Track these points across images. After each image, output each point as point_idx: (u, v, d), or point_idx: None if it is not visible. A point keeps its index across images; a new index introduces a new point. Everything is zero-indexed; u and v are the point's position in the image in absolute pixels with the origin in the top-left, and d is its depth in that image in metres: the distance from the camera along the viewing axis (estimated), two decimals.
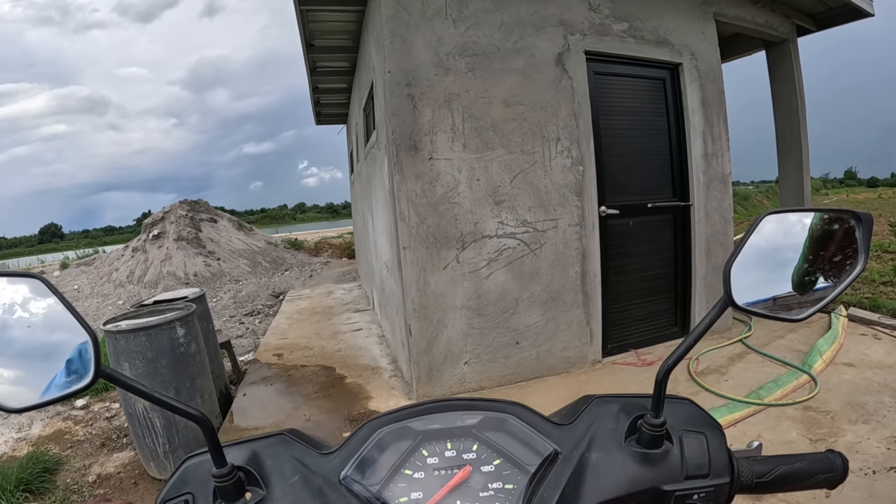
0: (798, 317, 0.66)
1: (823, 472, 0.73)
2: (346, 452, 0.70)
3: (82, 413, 4.81)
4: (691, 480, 0.67)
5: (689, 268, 5.02)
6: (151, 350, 3.31)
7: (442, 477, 0.66)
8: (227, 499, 0.63)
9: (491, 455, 0.69)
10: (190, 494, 0.64)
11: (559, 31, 4.21)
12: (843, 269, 0.65)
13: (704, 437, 0.70)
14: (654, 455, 0.68)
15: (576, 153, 4.28)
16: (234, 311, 9.82)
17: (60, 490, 3.49)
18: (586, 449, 0.69)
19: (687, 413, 0.74)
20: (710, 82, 4.97)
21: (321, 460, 0.69)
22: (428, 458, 0.68)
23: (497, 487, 0.65)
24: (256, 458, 0.68)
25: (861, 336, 4.70)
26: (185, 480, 0.66)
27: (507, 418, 0.73)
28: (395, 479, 0.66)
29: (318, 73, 7.28)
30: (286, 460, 0.69)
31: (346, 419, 3.92)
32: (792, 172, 6.45)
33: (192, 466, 0.68)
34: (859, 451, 2.88)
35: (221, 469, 0.63)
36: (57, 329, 0.57)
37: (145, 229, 14.72)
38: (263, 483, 0.66)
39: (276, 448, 0.70)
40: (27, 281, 0.56)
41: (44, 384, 0.56)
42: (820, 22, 6.25)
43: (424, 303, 3.95)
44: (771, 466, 0.72)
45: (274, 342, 6.45)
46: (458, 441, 0.71)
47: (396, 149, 3.81)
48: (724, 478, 0.68)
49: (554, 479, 0.65)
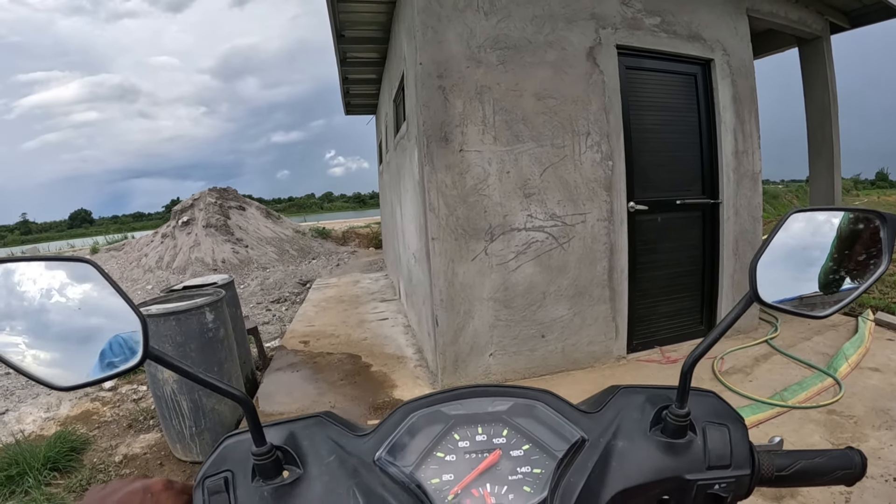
0: (821, 314, 0.67)
1: (843, 468, 0.73)
2: (380, 435, 0.72)
3: (110, 395, 4.90)
4: (713, 471, 0.68)
5: (716, 266, 4.98)
6: (181, 334, 3.36)
7: (473, 460, 0.68)
8: (265, 476, 0.65)
9: (520, 440, 0.70)
10: (229, 472, 0.66)
11: (591, 24, 4.20)
12: (867, 269, 0.66)
13: (727, 429, 0.72)
14: (677, 445, 0.69)
15: (605, 148, 4.28)
16: (262, 297, 9.94)
17: (87, 469, 3.54)
18: (612, 437, 0.70)
19: (711, 405, 0.75)
20: (741, 79, 4.91)
21: (356, 442, 0.72)
22: (459, 442, 0.70)
23: (525, 471, 0.66)
24: (294, 439, 0.70)
25: (888, 341, 4.62)
26: (224, 458, 0.68)
27: (537, 405, 0.75)
28: (428, 461, 0.68)
29: (348, 64, 7.32)
30: (322, 441, 0.71)
31: (370, 407, 3.97)
32: (822, 172, 6.35)
33: (231, 445, 0.70)
34: (881, 457, 2.85)
35: (261, 448, 0.65)
36: (106, 311, 0.59)
37: (175, 216, 14.93)
38: (300, 462, 0.68)
39: (312, 429, 0.72)
40: (79, 266, 0.58)
41: (92, 364, 0.59)
42: (854, 19, 6.12)
43: (452, 294, 3.98)
44: (791, 461, 0.73)
45: (300, 329, 6.52)
46: (489, 426, 0.73)
47: (427, 140, 3.83)
48: (745, 469, 0.70)
49: (581, 464, 0.67)
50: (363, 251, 16.11)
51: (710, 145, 4.86)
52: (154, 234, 15.26)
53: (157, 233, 15.06)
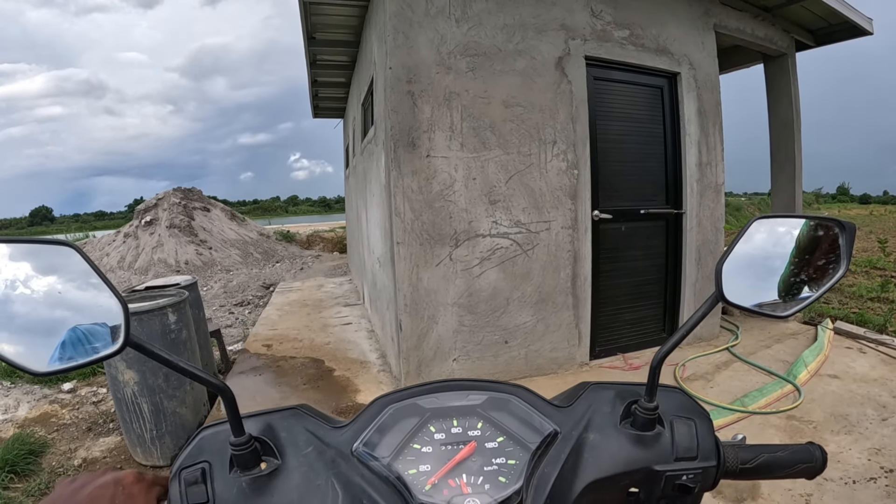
0: (784, 313, 0.71)
1: (804, 462, 0.77)
2: (357, 427, 0.72)
3: (69, 397, 4.77)
4: (681, 462, 0.70)
5: (679, 275, 5.06)
6: (143, 335, 3.24)
7: (449, 451, 0.69)
8: (243, 467, 0.65)
9: (495, 433, 0.72)
10: (206, 462, 0.66)
11: (561, 34, 4.24)
12: (826, 274, 0.70)
13: (694, 422, 0.74)
14: (646, 437, 0.71)
15: (571, 157, 4.32)
16: (225, 300, 9.81)
17: (45, 473, 3.46)
18: (584, 430, 0.72)
19: (678, 401, 0.77)
20: (707, 92, 5.01)
21: (333, 433, 0.72)
22: (435, 434, 0.71)
23: (500, 463, 0.67)
24: (271, 430, 0.70)
25: (847, 349, 4.75)
26: (201, 449, 0.68)
27: (511, 399, 0.76)
28: (405, 453, 0.68)
29: (318, 67, 7.27)
30: (300, 432, 0.71)
31: (334, 411, 3.91)
32: (784, 186, 6.50)
33: (208, 437, 0.69)
34: (841, 460, 2.92)
35: (240, 438, 0.65)
36: (87, 296, 0.58)
37: (138, 215, 14.66)
38: (278, 453, 0.68)
39: (289, 420, 0.72)
40: (61, 249, 0.57)
41: (70, 349, 0.57)
42: (819, 38, 6.30)
43: (416, 299, 3.97)
44: (755, 454, 0.76)
45: (264, 333, 6.44)
46: (464, 419, 0.74)
47: (394, 145, 3.82)
48: (712, 461, 0.72)
49: (554, 456, 0.68)
50: (328, 255, 16.04)
51: (675, 156, 4.94)
52: (116, 233, 14.94)
53: (120, 232, 14.76)
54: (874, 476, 2.77)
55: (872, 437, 3.17)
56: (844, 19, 5.80)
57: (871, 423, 3.36)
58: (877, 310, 6.59)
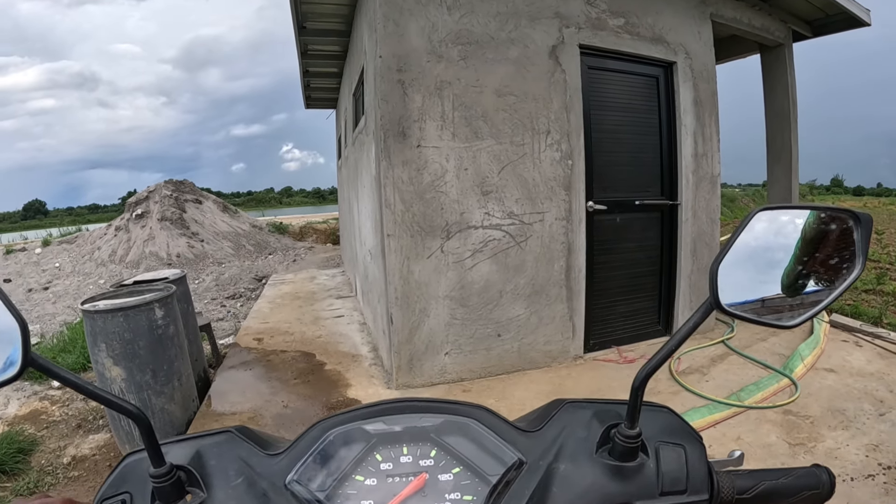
0: (789, 323, 0.61)
1: (809, 488, 0.68)
2: (294, 454, 0.66)
3: (59, 393, 4.74)
4: (667, 497, 0.62)
5: (674, 267, 5.01)
6: (129, 331, 3.26)
7: (396, 484, 0.62)
8: (164, 500, 0.60)
9: (450, 462, 0.64)
10: (128, 494, 0.61)
11: (555, 23, 4.17)
12: (838, 272, 0.61)
13: (683, 449, 0.66)
14: (627, 468, 0.63)
15: (565, 147, 4.25)
16: (216, 293, 9.73)
17: (35, 471, 3.44)
18: (554, 459, 0.64)
19: (665, 422, 0.69)
20: (703, 82, 4.95)
21: (268, 461, 0.65)
22: (381, 464, 0.64)
23: (454, 498, 0.61)
24: (199, 458, 0.64)
25: (843, 343, 4.72)
26: (123, 479, 0.63)
27: (469, 423, 0.68)
28: (345, 486, 0.62)
29: (310, 56, 7.18)
30: (231, 460, 0.65)
31: (324, 406, 3.88)
32: (780, 177, 6.46)
33: (132, 464, 0.64)
34: (838, 457, 2.89)
35: (159, 469, 0.59)
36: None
37: (129, 208, 14.54)
38: (205, 484, 0.62)
39: (221, 447, 0.66)
40: None
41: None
42: (816, 28, 6.26)
43: (407, 291, 3.91)
44: (754, 482, 0.68)
45: (255, 326, 6.38)
46: (416, 446, 0.66)
47: (384, 135, 3.75)
48: (703, 494, 0.64)
49: (517, 491, 0.61)
50: (320, 247, 15.95)
51: (670, 147, 4.88)
52: (108, 226, 14.82)
53: (111, 225, 14.64)
54: (872, 473, 2.73)
55: (870, 433, 3.13)
56: (842, 10, 5.76)
57: (869, 418, 3.32)
58: (872, 302, 6.58)
